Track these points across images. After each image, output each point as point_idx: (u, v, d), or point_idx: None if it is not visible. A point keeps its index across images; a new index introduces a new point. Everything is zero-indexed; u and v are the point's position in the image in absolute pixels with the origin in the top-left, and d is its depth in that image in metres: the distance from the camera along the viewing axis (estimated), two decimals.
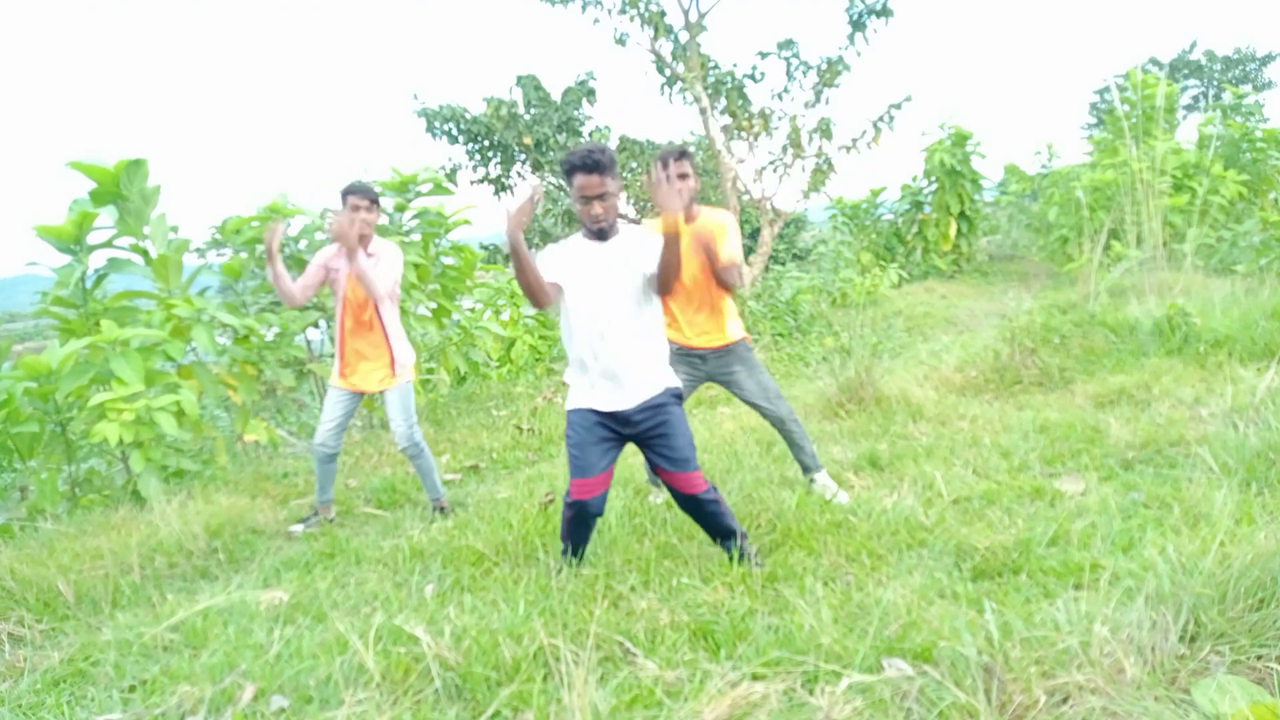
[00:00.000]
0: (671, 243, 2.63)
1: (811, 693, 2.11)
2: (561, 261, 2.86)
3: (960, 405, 5.14)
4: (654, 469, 2.97)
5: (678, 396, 2.93)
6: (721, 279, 3.54)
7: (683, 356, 3.70)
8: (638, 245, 2.83)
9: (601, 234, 2.82)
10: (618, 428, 2.89)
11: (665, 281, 2.72)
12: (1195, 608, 2.22)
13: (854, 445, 4.51)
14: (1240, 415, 4.03)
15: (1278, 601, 2.19)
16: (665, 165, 3.32)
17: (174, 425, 4.43)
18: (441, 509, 4.22)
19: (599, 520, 3.28)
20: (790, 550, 3.11)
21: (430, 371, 6.97)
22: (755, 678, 2.20)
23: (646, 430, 2.87)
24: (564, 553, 3.10)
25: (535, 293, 2.78)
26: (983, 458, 4.07)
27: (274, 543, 4.01)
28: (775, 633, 2.44)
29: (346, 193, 4.00)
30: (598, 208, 2.75)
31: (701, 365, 3.76)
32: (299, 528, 4.14)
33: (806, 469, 3.85)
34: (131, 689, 2.49)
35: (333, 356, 4.26)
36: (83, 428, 4.54)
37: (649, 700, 2.15)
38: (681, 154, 3.50)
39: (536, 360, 8.72)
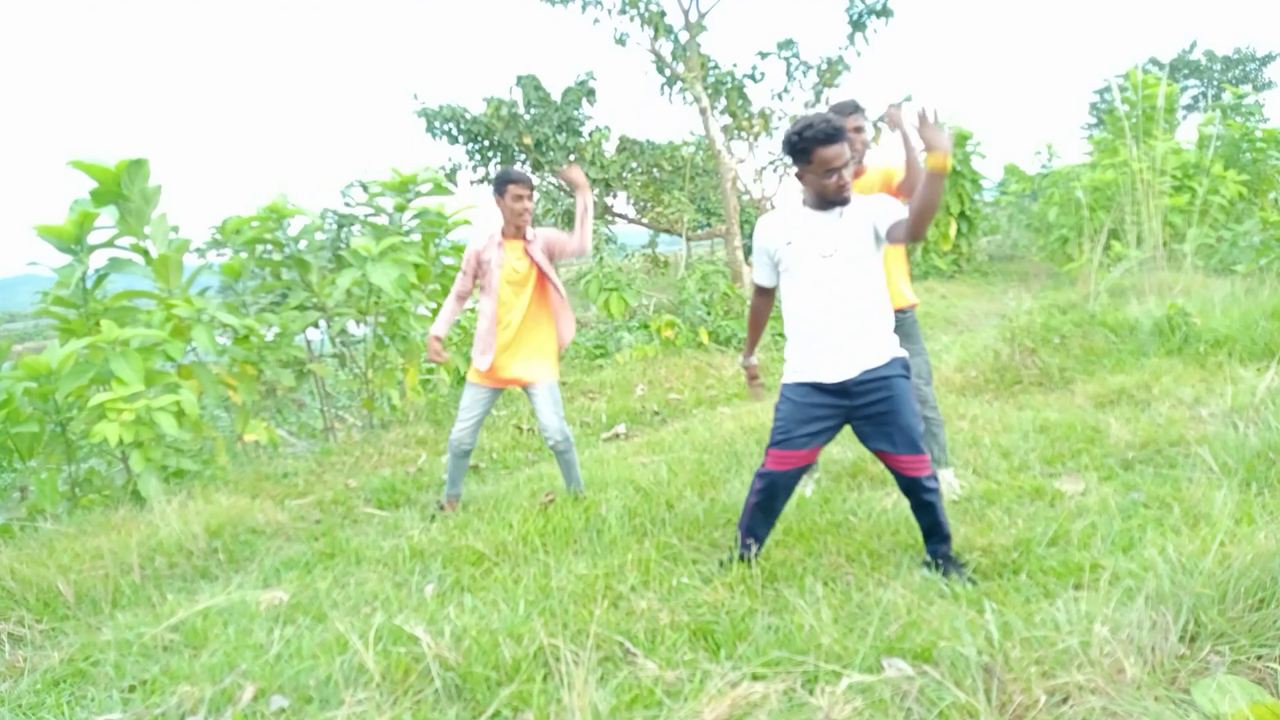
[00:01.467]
0: (937, 180, 2.52)
1: (811, 693, 2.11)
2: (779, 237, 2.81)
3: (960, 405, 5.14)
4: (885, 460, 2.80)
5: (905, 367, 2.80)
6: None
7: None
8: (866, 206, 2.76)
9: (845, 203, 2.74)
10: (836, 401, 2.75)
11: (921, 224, 2.59)
12: (1195, 608, 2.22)
13: (854, 445, 4.51)
14: (1240, 415, 4.03)
15: (1278, 601, 2.19)
16: (843, 117, 3.33)
17: (174, 425, 4.42)
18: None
19: (602, 519, 3.28)
20: (790, 550, 3.11)
21: (430, 372, 6.97)
22: (755, 678, 2.20)
23: (867, 404, 2.73)
24: (740, 540, 2.96)
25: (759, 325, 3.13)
26: (983, 458, 4.07)
27: (274, 543, 4.01)
28: (775, 633, 2.44)
29: (506, 180, 3.90)
30: (846, 176, 2.69)
31: None
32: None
33: (936, 462, 3.69)
34: (131, 689, 2.49)
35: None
36: (83, 428, 4.54)
37: (649, 700, 2.15)
38: (855, 108, 3.46)
39: None
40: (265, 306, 6.09)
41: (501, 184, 3.88)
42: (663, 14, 12.46)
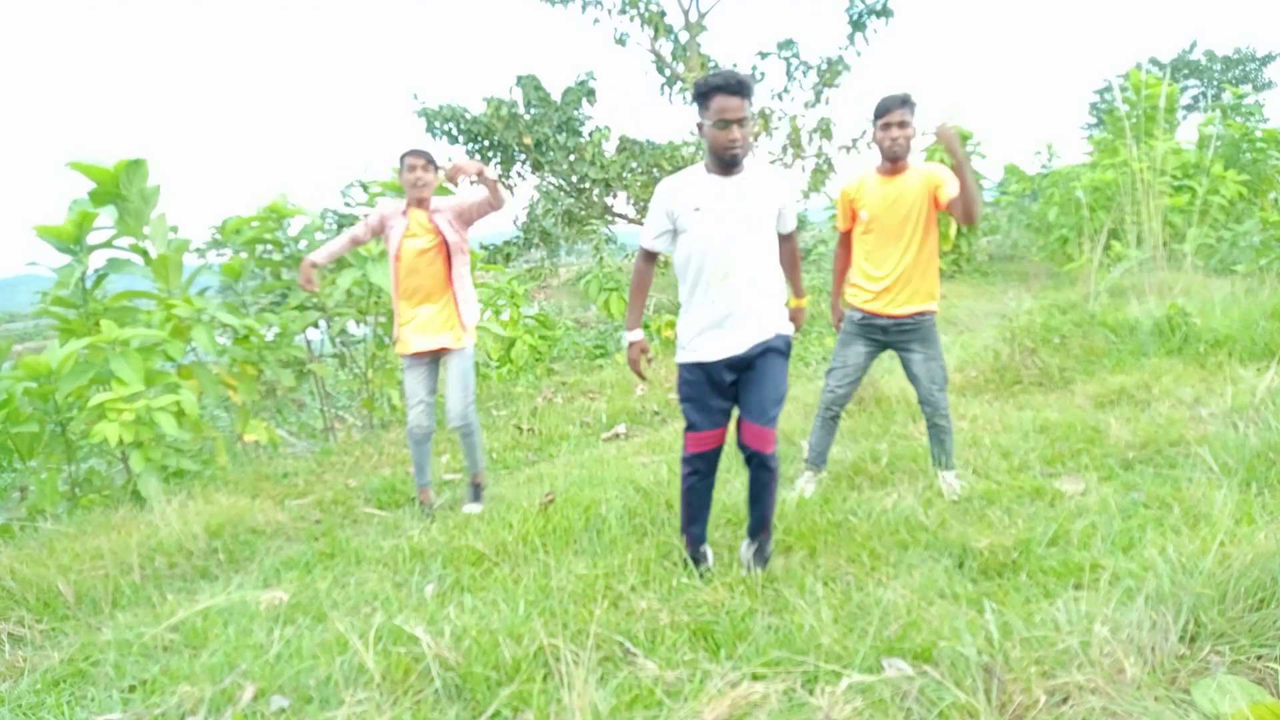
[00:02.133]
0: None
1: (811, 693, 2.11)
2: (684, 202, 2.76)
3: (960, 405, 5.14)
4: (738, 423, 2.83)
5: (787, 344, 2.84)
6: (964, 215, 3.35)
7: (864, 326, 3.65)
8: (776, 185, 2.75)
9: (734, 162, 2.69)
10: (732, 374, 2.80)
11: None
12: (1195, 608, 2.22)
13: (854, 445, 4.51)
14: (1240, 415, 4.03)
15: (1278, 601, 2.19)
16: (886, 113, 3.39)
17: (174, 425, 4.42)
18: (478, 486, 4.24)
19: (602, 519, 3.28)
20: (790, 550, 3.11)
21: None
22: (755, 678, 2.20)
23: (750, 368, 2.77)
24: (685, 532, 3.00)
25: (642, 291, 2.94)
26: (983, 458, 4.07)
27: (274, 543, 4.01)
28: (775, 633, 2.44)
29: (402, 155, 3.96)
30: (736, 132, 2.63)
31: (881, 335, 3.66)
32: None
33: (939, 464, 3.75)
34: (131, 689, 2.49)
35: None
36: (83, 428, 4.54)
37: (649, 700, 2.15)
38: (904, 101, 3.43)
39: (537, 360, 8.72)
40: (265, 306, 6.09)
41: (400, 158, 3.97)
42: (663, 14, 12.47)
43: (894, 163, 3.51)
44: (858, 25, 13.35)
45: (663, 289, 13.20)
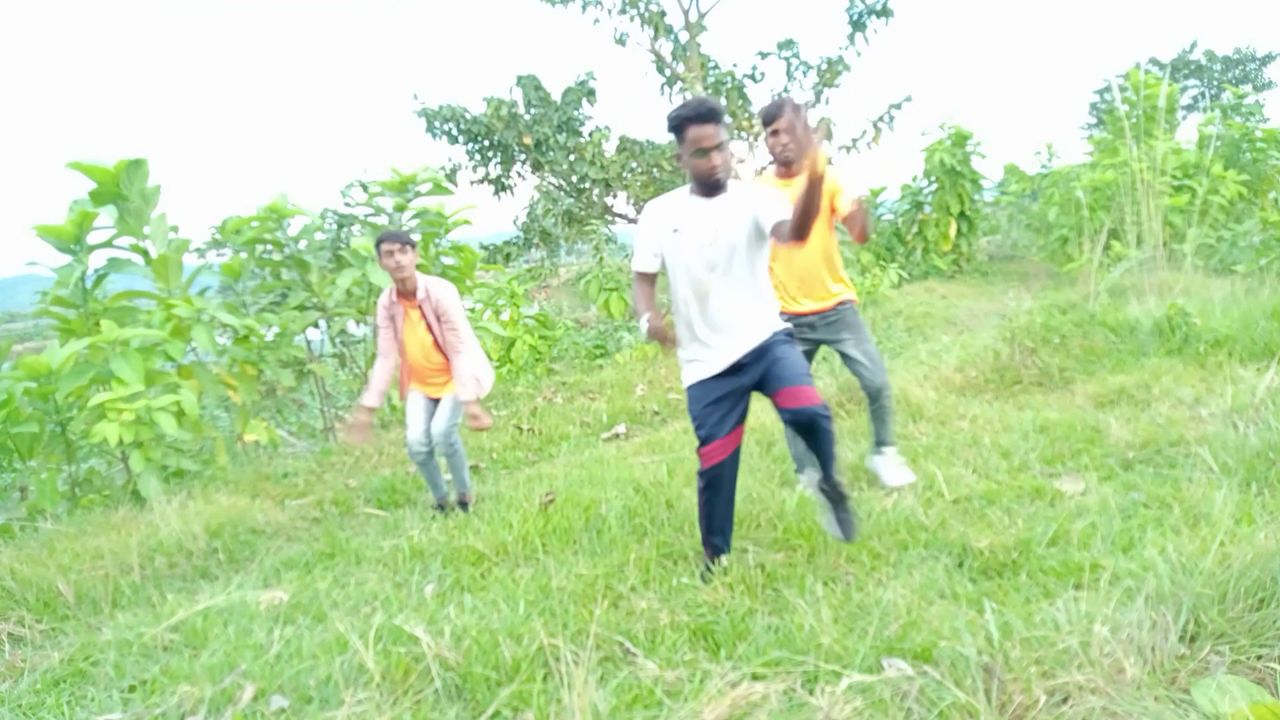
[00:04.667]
0: (815, 184, 2.45)
1: (811, 693, 2.11)
2: (664, 224, 2.79)
3: (960, 405, 5.14)
4: (773, 398, 2.77)
5: (789, 335, 2.85)
6: (856, 227, 3.44)
7: (794, 328, 3.69)
8: (752, 198, 2.75)
9: (717, 186, 2.72)
10: (735, 381, 2.80)
11: (803, 226, 2.55)
12: (1195, 608, 2.22)
13: (854, 445, 4.50)
14: (1240, 415, 4.02)
15: (1278, 601, 2.19)
16: (773, 119, 3.43)
17: (174, 425, 4.43)
18: (464, 504, 4.26)
19: (602, 519, 3.28)
20: (790, 550, 3.10)
21: None
22: (755, 678, 2.20)
23: (760, 371, 2.78)
24: (705, 544, 2.97)
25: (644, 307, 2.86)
26: (983, 458, 4.07)
27: (274, 543, 4.01)
28: (775, 633, 2.44)
29: (378, 242, 3.95)
30: (716, 158, 2.66)
31: (810, 332, 3.72)
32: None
33: (880, 443, 3.87)
34: (131, 689, 2.49)
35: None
36: (83, 428, 4.54)
37: (649, 700, 2.15)
38: (783, 109, 3.47)
39: (536, 360, 8.72)
40: (265, 306, 6.09)
41: (376, 245, 3.95)
42: (663, 14, 12.47)
43: (786, 166, 3.57)
44: (858, 25, 13.34)
45: (663, 288, 13.20)
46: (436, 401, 4.18)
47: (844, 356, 3.78)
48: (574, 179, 13.87)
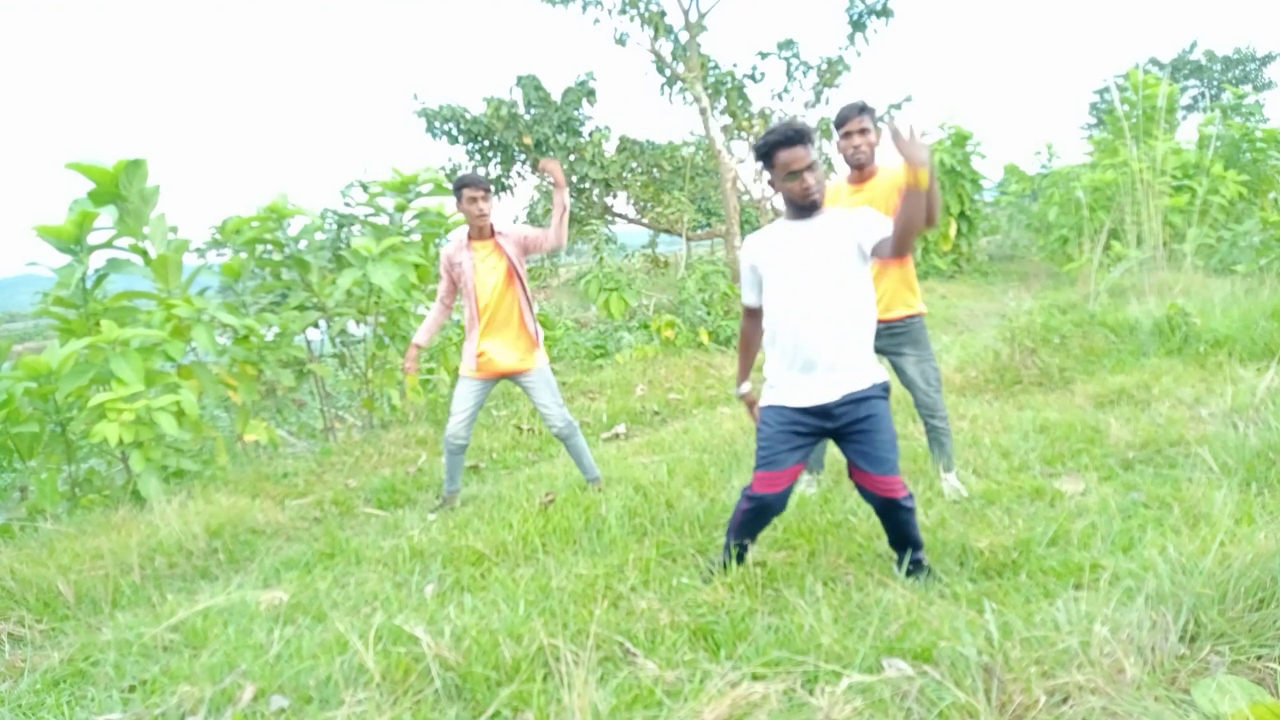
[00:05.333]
0: (917, 196, 2.41)
1: (811, 693, 2.11)
2: (765, 251, 2.77)
3: (960, 405, 5.14)
4: (854, 474, 2.75)
5: (886, 390, 2.77)
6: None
7: None
8: (852, 220, 2.70)
9: (814, 207, 2.68)
10: (818, 423, 2.71)
11: (905, 242, 2.52)
12: (1195, 608, 2.22)
13: None
14: (1240, 415, 4.02)
15: (1278, 601, 2.19)
16: (845, 122, 3.40)
17: (174, 425, 4.42)
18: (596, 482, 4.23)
19: (602, 519, 3.28)
20: (790, 550, 3.10)
21: (430, 371, 6.97)
22: (755, 678, 2.20)
23: (848, 424, 2.68)
24: (726, 548, 2.93)
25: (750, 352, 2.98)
26: (983, 458, 4.07)
27: (274, 543, 4.01)
28: (775, 633, 2.44)
29: (460, 185, 4.03)
30: (809, 179, 2.63)
31: (875, 341, 3.67)
32: (431, 516, 4.18)
33: (941, 466, 3.72)
34: (131, 689, 2.49)
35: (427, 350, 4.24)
36: (83, 428, 4.54)
37: (649, 700, 2.15)
38: (862, 109, 3.44)
39: None
40: (265, 306, 6.09)
41: (457, 189, 4.01)
42: (663, 14, 12.46)
43: (859, 170, 3.54)
44: (858, 25, 13.34)
45: (663, 289, 13.21)
46: (493, 383, 4.17)
47: (899, 371, 3.68)
48: (574, 179, 13.88)
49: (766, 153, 2.66)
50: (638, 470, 4.31)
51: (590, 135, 13.69)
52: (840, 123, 3.48)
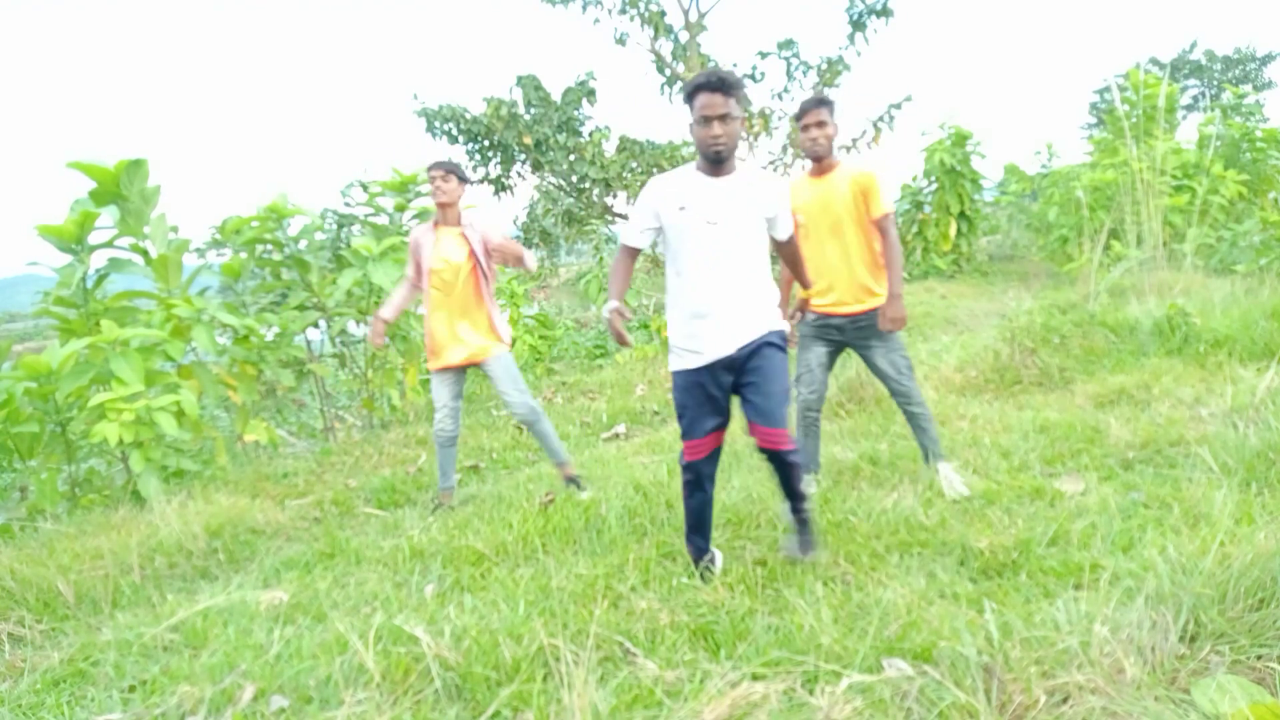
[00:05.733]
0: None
1: (811, 693, 2.11)
2: (669, 200, 2.75)
3: (960, 405, 5.13)
4: (749, 425, 2.80)
5: (783, 338, 2.83)
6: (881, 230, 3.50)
7: (820, 328, 3.66)
8: (765, 195, 2.76)
9: (718, 158, 2.69)
10: (721, 379, 2.78)
11: (793, 269, 2.87)
12: (1195, 608, 2.22)
13: (854, 445, 4.51)
14: (1240, 415, 4.02)
15: (1278, 602, 2.19)
16: (803, 115, 3.41)
17: (174, 425, 4.42)
18: (572, 480, 4.22)
19: (601, 519, 3.28)
20: None
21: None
22: (755, 678, 2.20)
23: (743, 372, 2.76)
24: (688, 540, 3.01)
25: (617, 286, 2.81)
26: (983, 458, 4.07)
27: (274, 543, 4.01)
28: (775, 633, 2.44)
29: (428, 168, 4.06)
30: (718, 128, 2.64)
31: (838, 335, 3.67)
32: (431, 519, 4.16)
33: (928, 456, 3.74)
34: (131, 689, 2.49)
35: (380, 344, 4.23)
36: (83, 428, 4.54)
37: (649, 700, 2.15)
38: (820, 102, 3.43)
39: (537, 360, 8.72)
40: (265, 306, 6.09)
41: (426, 171, 4.04)
42: (663, 14, 12.46)
43: (818, 162, 3.55)
44: (858, 25, 13.35)
45: (663, 289, 13.20)
46: (461, 372, 4.17)
47: (869, 364, 3.69)
48: (574, 179, 13.87)
49: (690, 93, 2.69)
50: (638, 470, 4.30)
51: (590, 135, 13.69)
52: (799, 115, 3.50)
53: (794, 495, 2.94)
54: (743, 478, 4.00)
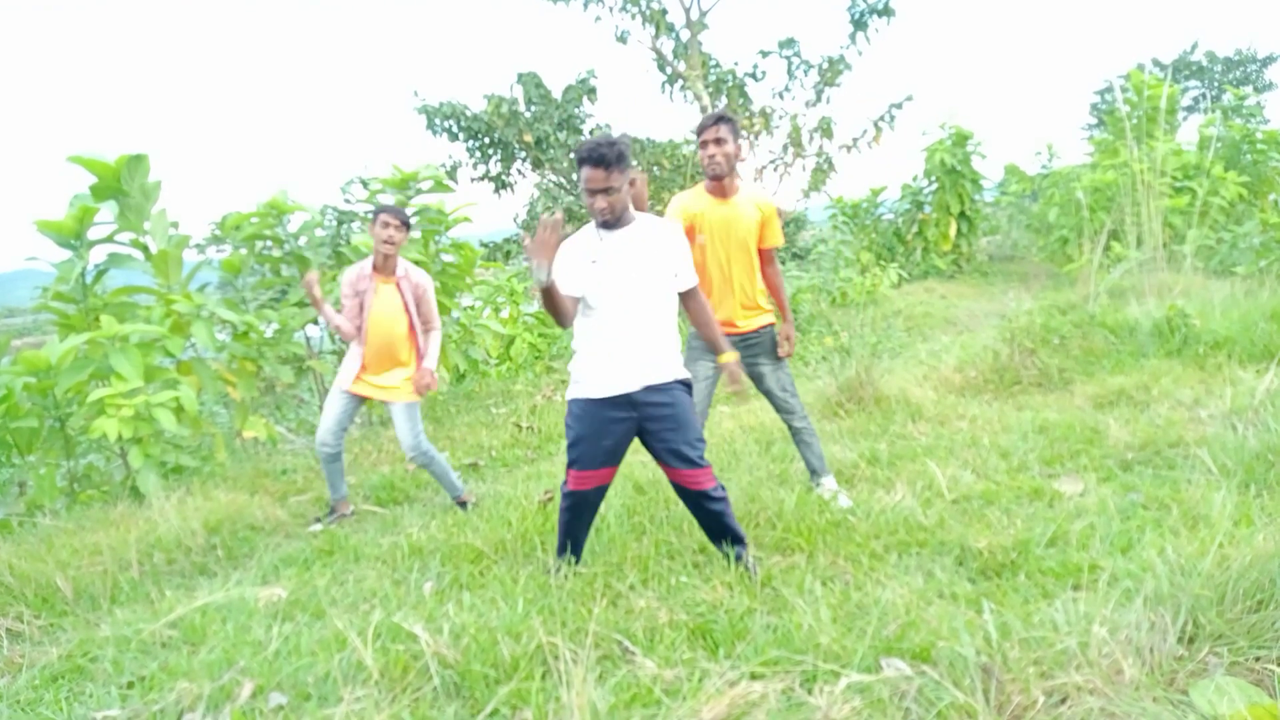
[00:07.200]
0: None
1: (810, 692, 2.11)
2: (578, 255, 2.79)
3: (960, 405, 5.14)
4: (667, 472, 2.88)
5: (687, 386, 2.88)
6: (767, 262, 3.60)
7: (707, 346, 3.67)
8: (658, 238, 2.81)
9: (607, 226, 2.78)
10: (623, 414, 2.80)
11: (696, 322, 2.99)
12: (1194, 609, 2.22)
13: (854, 445, 4.51)
14: (1239, 417, 4.03)
15: (1276, 603, 2.19)
16: (702, 132, 3.40)
17: (173, 421, 4.42)
18: (463, 504, 4.23)
19: (601, 518, 3.27)
20: (789, 550, 3.11)
21: None
22: (754, 677, 2.20)
23: (650, 415, 2.79)
24: (559, 548, 3.05)
25: (562, 319, 2.76)
26: (982, 458, 4.07)
27: (273, 539, 4.01)
28: (774, 632, 2.44)
29: (378, 210, 4.02)
30: (601, 201, 2.71)
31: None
32: (317, 526, 4.15)
33: (813, 471, 3.77)
34: (130, 685, 2.49)
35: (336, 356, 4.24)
36: (82, 423, 4.53)
37: (647, 699, 2.15)
38: (719, 119, 3.40)
39: (536, 358, 8.72)
40: (265, 303, 6.08)
41: (376, 213, 4.01)
42: (664, 12, 12.45)
43: (717, 181, 3.49)
44: (859, 24, 13.35)
45: None
46: (361, 401, 4.17)
47: (756, 381, 3.70)
48: (574, 177, 13.87)
49: (577, 163, 2.75)
50: (637, 469, 4.30)
51: (590, 133, 13.68)
52: (698, 131, 3.45)
53: (730, 538, 2.92)
54: (742, 477, 4.00)
